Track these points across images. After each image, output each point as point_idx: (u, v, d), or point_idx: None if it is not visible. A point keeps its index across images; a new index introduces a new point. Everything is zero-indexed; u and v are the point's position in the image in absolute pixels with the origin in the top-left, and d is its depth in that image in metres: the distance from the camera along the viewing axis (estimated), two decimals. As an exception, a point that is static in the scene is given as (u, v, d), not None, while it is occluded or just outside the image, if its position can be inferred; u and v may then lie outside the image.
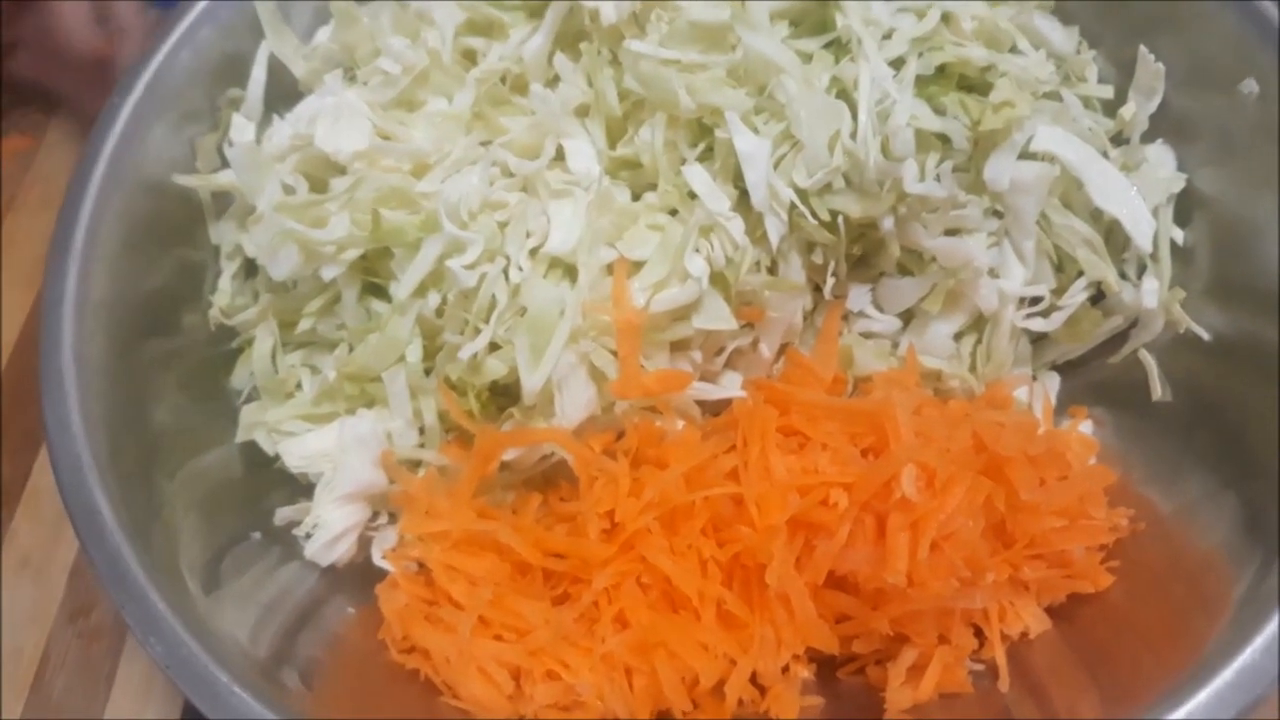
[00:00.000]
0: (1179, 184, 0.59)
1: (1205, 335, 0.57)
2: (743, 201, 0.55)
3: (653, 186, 0.57)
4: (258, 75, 0.63)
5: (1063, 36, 0.61)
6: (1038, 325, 0.60)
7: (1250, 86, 0.55)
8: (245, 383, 0.61)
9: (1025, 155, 0.57)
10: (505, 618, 0.54)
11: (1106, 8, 0.62)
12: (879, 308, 0.61)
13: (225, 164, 0.60)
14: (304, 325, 0.60)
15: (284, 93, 0.63)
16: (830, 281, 0.58)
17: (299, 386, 0.61)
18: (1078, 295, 0.60)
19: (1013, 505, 0.52)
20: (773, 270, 0.57)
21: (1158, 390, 0.59)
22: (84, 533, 0.46)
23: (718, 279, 0.55)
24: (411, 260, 0.55)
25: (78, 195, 0.55)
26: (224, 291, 0.61)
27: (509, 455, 0.56)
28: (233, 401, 0.61)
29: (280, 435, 0.59)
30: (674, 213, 0.56)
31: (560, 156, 0.58)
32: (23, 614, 0.66)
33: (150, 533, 0.48)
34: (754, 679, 0.52)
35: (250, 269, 0.62)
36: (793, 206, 0.54)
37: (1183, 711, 0.43)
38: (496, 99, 0.60)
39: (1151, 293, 0.58)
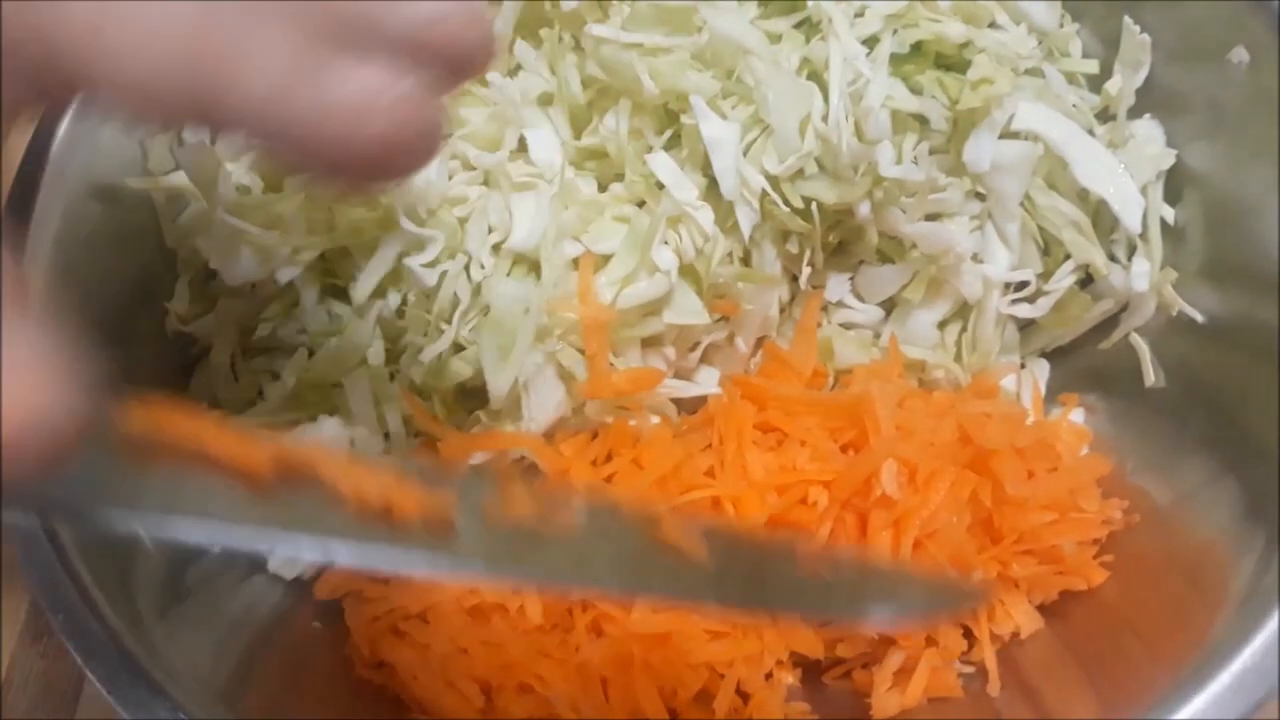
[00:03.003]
0: (1168, 160, 0.57)
1: (1199, 317, 0.55)
2: (712, 190, 0.53)
3: (620, 177, 0.55)
4: (211, 72, 0.60)
5: (1044, 10, 0.59)
6: (1024, 311, 0.58)
7: (1240, 55, 0.53)
8: (205, 392, 0.59)
9: (1007, 135, 0.54)
10: (475, 629, 0.52)
11: (1089, -21, 0.60)
12: (859, 297, 0.59)
13: (178, 165, 0.58)
14: (264, 330, 0.58)
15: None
16: (807, 271, 0.56)
17: (260, 394, 0.59)
18: (1065, 279, 0.57)
19: (999, 500, 0.50)
20: (746, 261, 0.55)
21: (1150, 375, 0.57)
22: (23, 553, 0.44)
23: (688, 271, 0.53)
24: (369, 260, 0.53)
25: (21, 199, 0.52)
26: (181, 298, 0.59)
27: (478, 460, 0.54)
28: (192, 412, 0.59)
29: (241, 445, 0.57)
30: (642, 204, 0.54)
31: (522, 148, 0.56)
32: (-16, 635, 0.64)
33: (98, 552, 0.46)
34: (737, 686, 0.51)
35: (209, 273, 0.60)
36: (764, 194, 0.52)
37: (1184, 713, 0.41)
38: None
39: (1142, 275, 0.56)
